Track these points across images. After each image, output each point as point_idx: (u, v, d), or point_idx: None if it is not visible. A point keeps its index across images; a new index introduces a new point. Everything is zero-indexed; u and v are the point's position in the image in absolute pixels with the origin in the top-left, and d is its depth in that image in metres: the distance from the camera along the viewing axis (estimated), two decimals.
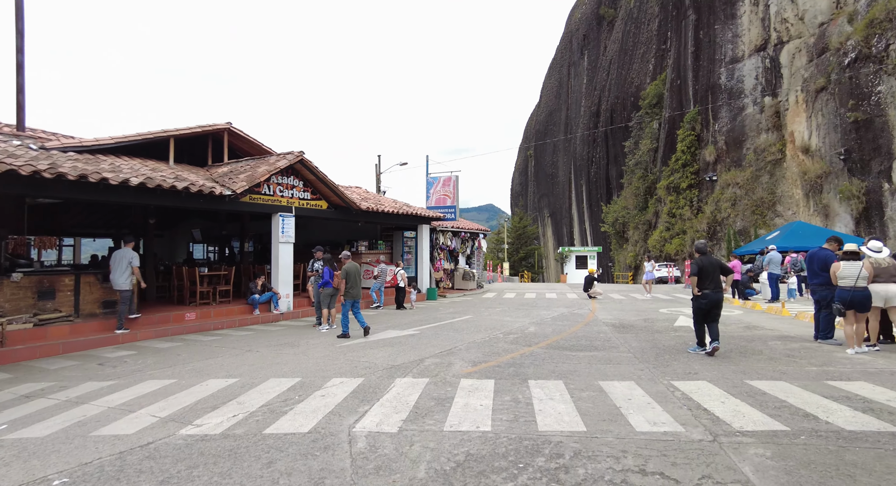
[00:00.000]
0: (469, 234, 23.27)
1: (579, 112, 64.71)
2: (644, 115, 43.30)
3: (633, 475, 3.32)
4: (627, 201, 44.17)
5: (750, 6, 30.48)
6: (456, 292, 20.58)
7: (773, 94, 29.15)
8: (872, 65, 22.33)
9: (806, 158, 25.96)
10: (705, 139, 33.55)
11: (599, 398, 5.15)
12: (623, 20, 53.06)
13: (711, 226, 31.20)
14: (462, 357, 7.38)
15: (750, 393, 5.26)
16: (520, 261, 64.46)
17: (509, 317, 12.53)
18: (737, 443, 3.85)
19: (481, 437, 4.08)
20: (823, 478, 3.22)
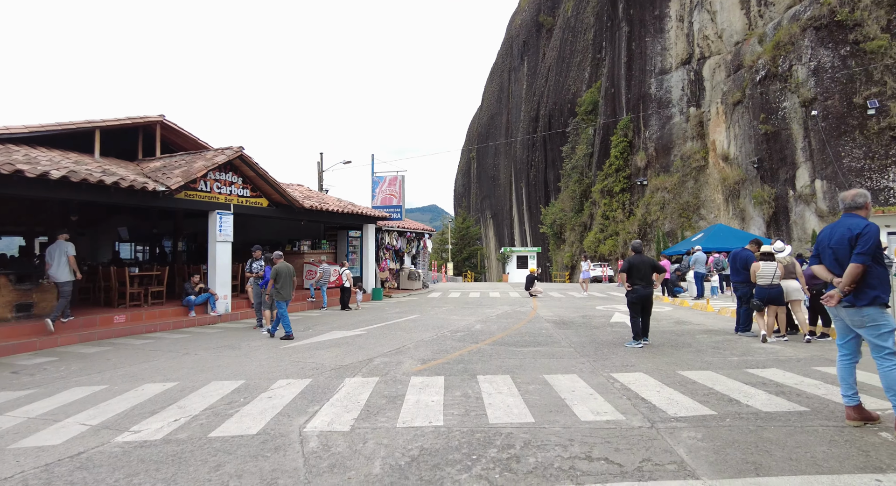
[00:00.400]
0: (415, 234, 23.30)
1: (519, 117, 66.43)
2: (580, 121, 45.13)
3: (581, 462, 3.50)
4: (565, 204, 45.84)
5: (676, 22, 32.58)
6: (402, 292, 20.54)
7: (697, 104, 31.32)
8: (779, 83, 24.54)
9: (725, 166, 28.09)
10: (637, 146, 35.47)
11: (545, 391, 5.36)
12: (561, 28, 55.03)
13: (642, 228, 33.01)
14: (411, 356, 7.41)
15: (682, 382, 5.66)
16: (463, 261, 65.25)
17: (455, 316, 12.69)
18: (672, 428, 4.15)
19: (434, 431, 4.15)
20: (745, 454, 3.55)
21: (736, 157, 27.38)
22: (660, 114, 33.28)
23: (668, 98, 32.96)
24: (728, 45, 29.48)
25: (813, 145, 22.95)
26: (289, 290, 9.56)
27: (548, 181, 53.84)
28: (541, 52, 62.21)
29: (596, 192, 39.24)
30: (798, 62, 23.84)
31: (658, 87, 33.48)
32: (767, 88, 25.07)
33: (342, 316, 13.08)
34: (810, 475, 3.18)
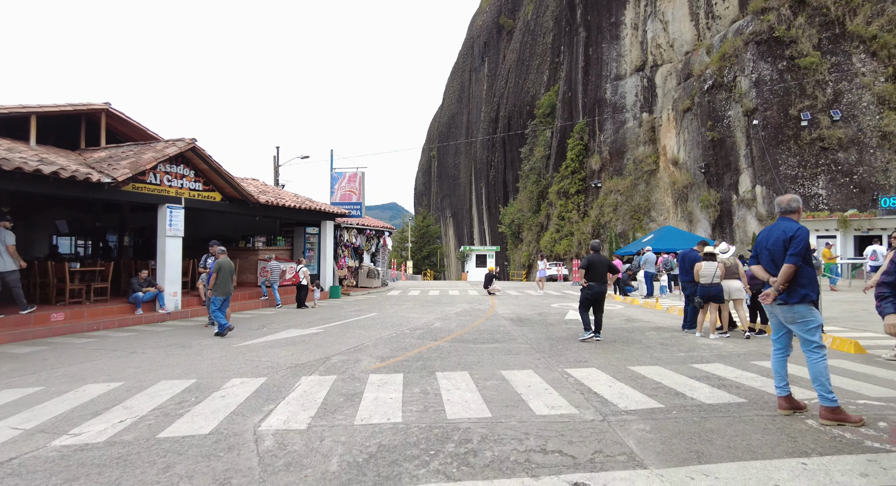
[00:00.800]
0: (374, 231, 23.11)
1: (480, 117, 66.99)
2: (539, 123, 46.00)
3: (536, 455, 3.60)
4: (523, 204, 46.64)
5: (631, 30, 33.72)
6: (360, 290, 20.34)
7: (649, 110, 32.54)
8: (724, 92, 25.87)
9: (675, 170, 29.34)
10: (592, 149, 36.51)
11: (502, 386, 5.46)
12: (521, 31, 55.86)
13: (596, 229, 34.02)
14: (370, 354, 7.38)
15: (632, 377, 5.89)
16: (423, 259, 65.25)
17: (415, 314, 12.70)
18: (622, 421, 4.32)
19: (392, 428, 4.16)
20: (689, 444, 3.75)
21: (685, 162, 28.64)
22: (614, 118, 34.37)
23: (622, 103, 34.08)
24: (679, 54, 30.78)
25: (754, 153, 24.31)
26: (228, 285, 9.37)
27: (507, 182, 54.60)
28: (501, 53, 62.94)
29: (553, 193, 40.12)
30: (741, 74, 25.18)
31: (613, 92, 34.55)
32: (714, 97, 26.35)
33: (298, 314, 12.83)
34: (746, 461, 3.40)
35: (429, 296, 18.62)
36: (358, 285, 21.58)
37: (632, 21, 33.64)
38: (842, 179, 22.35)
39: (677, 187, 28.85)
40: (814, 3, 23.88)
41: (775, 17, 24.46)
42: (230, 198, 13.68)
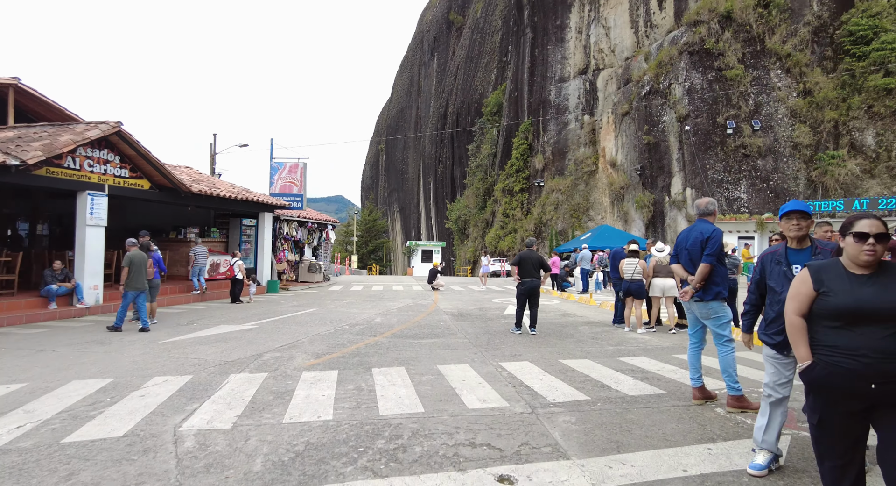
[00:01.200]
0: (316, 224, 22.57)
1: (429, 112, 66.92)
2: (486, 121, 46.58)
3: (464, 448, 3.65)
4: (469, 201, 47.14)
5: (575, 34, 34.75)
6: (301, 285, 19.82)
7: (591, 113, 33.71)
8: (660, 98, 27.23)
9: (613, 172, 30.60)
10: (536, 148, 37.40)
11: (438, 381, 5.50)
12: (470, 28, 56.23)
13: (538, 226, 34.93)
14: (305, 350, 7.21)
15: (562, 370, 6.10)
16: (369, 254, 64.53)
17: (356, 309, 12.53)
18: (550, 413, 4.46)
19: (322, 426, 4.08)
20: (611, 434, 3.93)
21: (622, 164, 29.92)
22: (558, 120, 35.34)
23: (565, 105, 35.09)
24: (619, 59, 32.05)
25: (685, 157, 25.76)
26: (141, 280, 8.84)
27: (454, 178, 54.93)
28: (450, 49, 63.08)
29: (498, 190, 40.79)
30: (675, 81, 26.57)
31: (557, 94, 35.51)
32: (650, 103, 27.66)
33: (232, 310, 12.33)
34: (660, 449, 3.61)
35: (372, 291, 18.44)
36: (298, 279, 21.03)
37: (576, 25, 34.67)
38: (760, 185, 24.15)
39: (614, 188, 30.12)
40: (739, 20, 25.59)
41: (706, 29, 26.00)
42: (160, 186, 12.92)
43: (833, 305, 2.32)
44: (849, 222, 2.40)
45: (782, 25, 25.17)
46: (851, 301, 2.26)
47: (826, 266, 2.46)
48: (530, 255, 8.85)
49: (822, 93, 23.95)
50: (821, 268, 2.46)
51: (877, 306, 2.22)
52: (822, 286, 2.39)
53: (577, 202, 32.79)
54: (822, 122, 23.85)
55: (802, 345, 2.45)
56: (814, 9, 25.26)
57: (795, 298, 2.50)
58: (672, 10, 29.13)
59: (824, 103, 23.86)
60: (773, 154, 24.18)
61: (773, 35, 25.22)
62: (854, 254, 2.33)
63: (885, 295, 2.23)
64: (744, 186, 24.30)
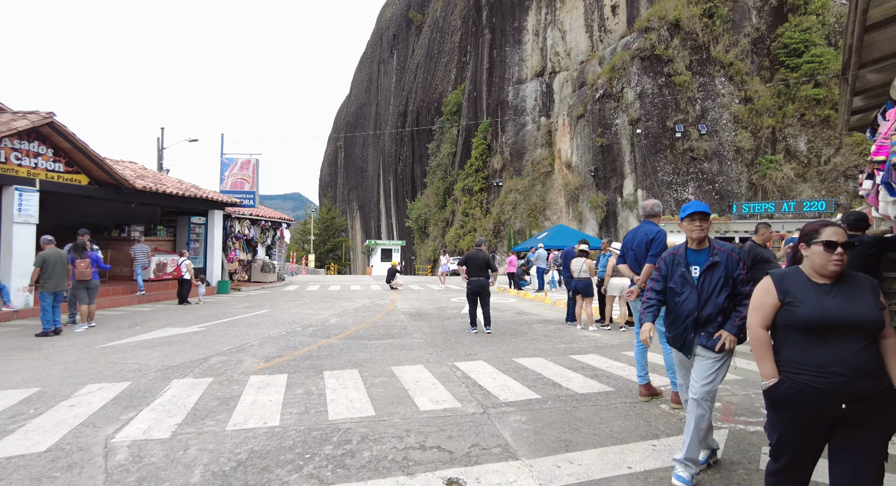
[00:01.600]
0: (270, 223, 21.95)
1: (389, 110, 66.39)
2: (446, 120, 46.63)
3: (414, 452, 3.61)
4: (429, 200, 47.09)
5: (532, 36, 35.30)
6: (253, 285, 19.22)
7: (547, 115, 34.33)
8: (613, 102, 28.05)
9: (568, 173, 31.29)
10: (495, 149, 37.77)
11: (391, 383, 5.43)
12: (430, 27, 56.14)
13: (497, 225, 35.31)
14: (254, 353, 6.97)
15: (516, 369, 6.16)
16: (327, 253, 63.40)
17: (310, 310, 12.25)
18: (502, 413, 4.48)
19: (268, 432, 3.95)
20: (560, 433, 3.99)
21: (577, 165, 30.64)
22: (515, 121, 35.81)
23: (523, 106, 35.60)
24: (575, 63, 32.79)
25: (637, 159, 26.63)
26: (58, 280, 8.36)
27: (415, 176, 54.72)
28: (410, 47, 62.78)
29: (458, 190, 40.94)
30: (628, 85, 27.43)
31: (515, 95, 35.97)
32: (604, 106, 28.44)
33: (179, 311, 11.81)
34: (606, 447, 3.69)
35: (328, 291, 18.11)
36: (251, 279, 20.39)
37: (533, 27, 35.21)
38: (707, 187, 25.28)
39: (570, 189, 30.81)
40: (686, 28, 26.68)
41: (656, 36, 26.97)
42: (100, 182, 12.21)
43: (800, 316, 2.17)
44: (813, 230, 2.25)
45: (725, 35, 26.43)
46: (819, 312, 2.12)
47: (789, 275, 2.31)
48: (477, 254, 9.00)
49: (760, 100, 25.34)
50: (784, 276, 2.31)
51: (845, 318, 2.09)
52: (787, 296, 2.24)
53: (534, 202, 33.33)
54: (761, 128, 25.23)
55: (768, 361, 2.27)
56: (753, 21, 26.67)
57: (759, 309, 2.32)
58: (625, 16, 30.05)
59: (763, 110, 25.24)
60: (718, 157, 25.37)
61: (717, 44, 26.46)
62: (821, 263, 2.19)
63: (852, 306, 2.11)
64: (691, 187, 25.38)
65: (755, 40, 26.47)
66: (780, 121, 25.04)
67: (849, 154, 23.43)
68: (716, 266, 3.09)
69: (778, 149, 25.20)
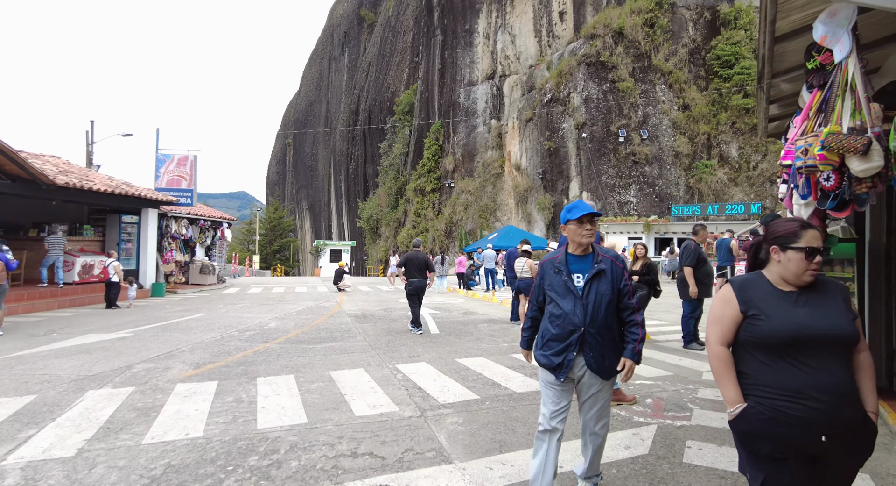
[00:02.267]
0: (210, 222, 20.98)
1: (339, 108, 65.27)
2: (398, 120, 46.35)
3: (345, 459, 3.48)
4: (381, 199, 46.63)
5: (483, 39, 35.67)
6: (191, 288, 18.30)
7: (497, 118, 34.78)
8: (560, 106, 28.77)
9: (518, 175, 31.81)
10: (447, 150, 37.89)
11: (327, 388, 5.26)
12: (382, 26, 55.67)
13: (449, 226, 35.42)
14: (183, 360, 6.59)
15: (457, 370, 6.12)
16: (273, 253, 61.42)
17: (250, 313, 11.77)
18: (439, 415, 4.42)
19: (189, 444, 3.70)
20: (495, 434, 3.97)
21: (526, 167, 31.20)
22: (467, 122, 36.06)
23: (474, 108, 35.90)
24: (524, 67, 33.39)
25: (582, 163, 27.42)
26: None
27: (367, 176, 54.04)
28: (362, 45, 62.01)
29: (410, 190, 40.78)
30: (574, 90, 28.19)
31: (466, 97, 36.22)
32: (552, 110, 29.11)
33: (106, 316, 11.04)
34: None
35: (272, 293, 17.51)
36: (189, 281, 19.42)
37: (484, 30, 35.59)
38: (647, 190, 26.36)
39: (519, 191, 31.33)
40: (629, 37, 27.75)
41: (601, 43, 27.88)
42: (14, 177, 11.24)
43: (768, 331, 1.82)
44: (791, 233, 1.88)
45: (665, 45, 27.70)
46: (790, 326, 1.79)
47: (751, 282, 1.96)
48: (416, 255, 9.03)
49: (697, 108, 26.72)
50: (746, 284, 1.96)
51: (819, 331, 1.77)
52: (750, 308, 1.89)
53: (485, 203, 33.67)
54: (697, 134, 26.59)
55: (731, 384, 1.89)
56: (689, 32, 28.09)
57: (718, 322, 1.96)
58: (572, 22, 30.88)
59: (699, 117, 26.63)
60: (658, 161, 26.51)
61: (658, 53, 27.68)
62: (797, 272, 1.86)
63: (824, 316, 1.80)
64: (633, 190, 26.39)
65: (692, 51, 27.89)
66: (715, 128, 26.49)
67: (774, 160, 25.10)
68: (601, 274, 2.68)
69: (713, 154, 26.64)
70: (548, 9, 32.01)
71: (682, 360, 6.68)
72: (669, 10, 28.19)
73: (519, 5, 33.55)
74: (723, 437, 3.87)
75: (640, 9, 27.98)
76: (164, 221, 17.58)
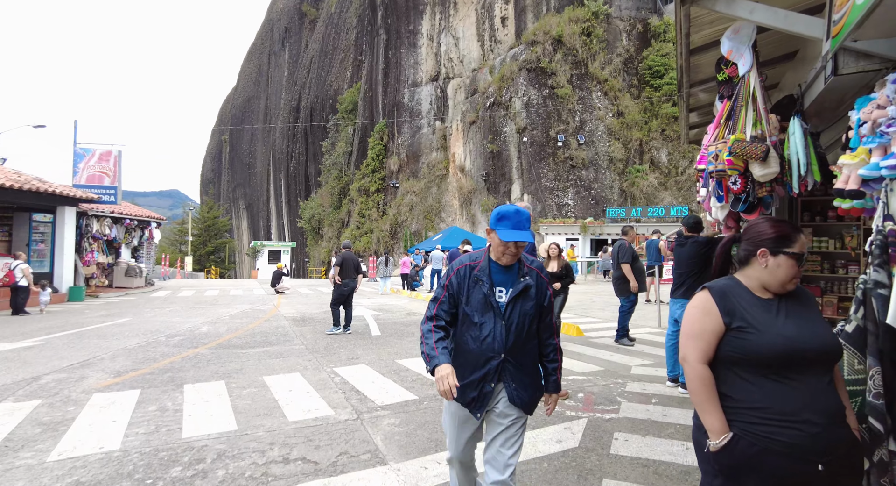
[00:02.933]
0: (137, 221, 19.70)
1: (280, 104, 63.29)
2: (341, 118, 45.55)
3: (276, 466, 3.37)
4: (324, 199, 45.63)
5: (427, 40, 35.79)
6: (115, 291, 17.09)
7: (441, 119, 34.98)
8: (503, 110, 29.36)
9: (462, 176, 32.13)
10: (391, 150, 37.67)
11: (260, 394, 5.07)
12: (324, 22, 54.56)
13: (393, 227, 35.20)
14: (103, 368, 6.13)
15: (397, 371, 6.08)
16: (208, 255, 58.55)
17: (179, 317, 11.15)
18: (376, 417, 4.37)
19: (103, 459, 3.45)
20: (432, 433, 3.97)
21: (470, 169, 31.58)
22: (411, 123, 36.02)
23: (418, 109, 35.93)
24: (468, 70, 33.80)
25: (523, 166, 28.10)
26: None
27: (308, 175, 52.69)
28: (303, 41, 60.46)
29: (354, 190, 40.18)
30: (516, 95, 28.85)
31: (411, 98, 36.19)
32: (494, 114, 29.63)
33: (10, 323, 10.09)
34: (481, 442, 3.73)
35: (204, 296, 16.67)
36: (112, 285, 18.13)
37: (428, 32, 35.71)
38: (584, 193, 27.40)
39: (463, 192, 31.67)
40: (568, 44, 28.77)
41: (541, 50, 28.71)
42: None
43: (758, 346, 1.57)
44: (785, 236, 1.66)
45: (601, 54, 28.93)
46: (784, 340, 1.56)
47: (731, 289, 1.70)
48: (351, 256, 9.04)
49: (630, 115, 28.10)
50: (726, 292, 1.69)
51: (811, 346, 1.56)
52: (734, 319, 1.63)
53: (430, 204, 33.74)
54: (630, 140, 27.96)
55: (715, 410, 1.60)
56: (623, 43, 29.52)
57: (699, 337, 1.66)
58: (513, 28, 31.60)
59: (632, 124, 28.01)
60: (594, 166, 27.63)
61: (594, 61, 28.87)
62: (783, 280, 1.65)
63: (812, 329, 1.60)
64: (571, 193, 27.35)
65: (626, 60, 29.30)
66: (647, 134, 27.96)
67: None
68: (528, 290, 2.23)
69: (644, 159, 28.10)
70: (490, 14, 32.57)
71: (613, 355, 6.98)
72: (605, 20, 29.48)
73: (462, 9, 33.93)
74: (647, 428, 4.08)
75: (578, 18, 29.07)
76: (84, 220, 16.30)
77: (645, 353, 7.14)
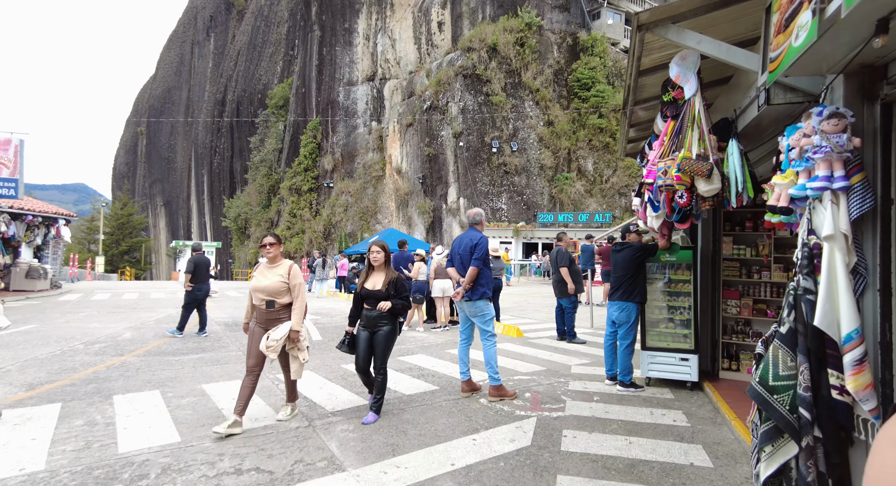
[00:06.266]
0: (41, 218, 17.84)
1: (203, 96, 59.82)
2: (271, 114, 43.87)
3: (228, 477, 3.25)
4: (251, 197, 43.68)
5: (363, 40, 35.41)
6: (15, 295, 15.38)
7: (378, 120, 34.72)
8: (439, 114, 29.67)
9: (399, 178, 32.05)
10: (325, 149, 36.82)
11: (201, 403, 4.84)
12: (254, 14, 52.36)
13: (327, 227, 34.40)
14: (10, 381, 5.55)
15: (344, 376, 6.01)
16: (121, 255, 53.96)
17: (98, 323, 10.27)
18: (328, 424, 4.31)
19: (26, 481, 3.15)
20: (387, 438, 3.99)
21: (407, 171, 31.59)
22: (347, 122, 35.44)
23: (354, 109, 35.41)
24: (404, 72, 33.81)
25: (459, 170, 28.54)
26: None
27: (234, 171, 50.19)
28: (231, 32, 57.62)
29: (284, 188, 38.82)
30: (452, 100, 29.26)
31: (346, 96, 35.60)
32: (431, 117, 29.86)
33: None
34: (432, 446, 3.80)
35: (122, 300, 15.45)
36: (11, 288, 16.30)
37: (364, 31, 35.31)
38: (517, 198, 28.29)
39: (400, 194, 31.60)
40: (502, 53, 29.61)
41: (477, 57, 29.34)
42: None
43: None
44: None
45: (533, 64, 30.04)
46: None
47: None
48: (204, 259, 8.90)
49: (559, 125, 29.39)
50: None
51: None
52: None
53: (365, 205, 33.32)
54: (560, 148, 29.23)
55: None
56: (554, 55, 30.84)
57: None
58: (450, 33, 32.02)
59: (561, 133, 29.31)
60: (526, 172, 28.61)
61: (527, 71, 29.91)
62: None
63: None
64: (504, 198, 28.14)
65: (556, 72, 30.61)
66: (574, 144, 29.36)
67: (622, 175, 28.58)
68: None
69: (572, 167, 29.49)
70: (427, 17, 32.79)
71: (553, 355, 7.32)
72: (538, 31, 30.62)
73: (399, 11, 33.90)
74: (592, 425, 4.34)
75: (512, 27, 29.98)
76: None
77: (582, 352, 7.54)
